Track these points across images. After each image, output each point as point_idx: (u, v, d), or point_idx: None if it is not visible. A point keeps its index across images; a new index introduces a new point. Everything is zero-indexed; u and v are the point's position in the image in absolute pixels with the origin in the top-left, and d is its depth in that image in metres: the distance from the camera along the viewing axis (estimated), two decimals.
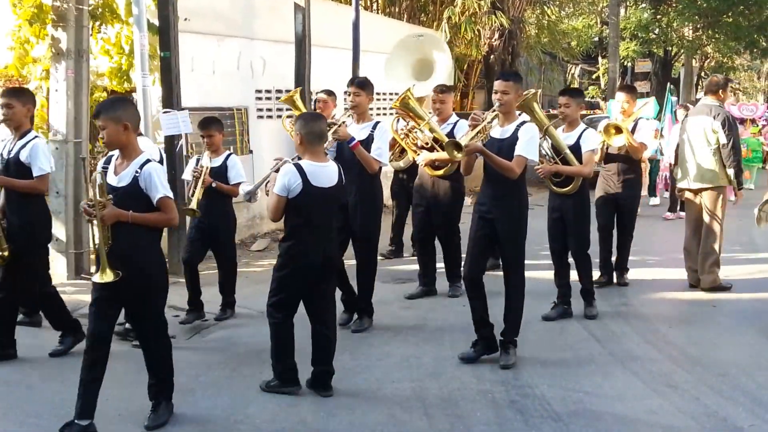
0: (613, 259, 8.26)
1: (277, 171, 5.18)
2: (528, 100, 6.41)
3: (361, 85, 6.66)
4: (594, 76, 32.22)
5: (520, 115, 7.34)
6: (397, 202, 9.67)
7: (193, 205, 6.72)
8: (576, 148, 6.76)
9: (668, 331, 6.71)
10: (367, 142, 6.49)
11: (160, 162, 6.34)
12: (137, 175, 4.44)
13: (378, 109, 13.32)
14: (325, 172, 5.08)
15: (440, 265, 7.93)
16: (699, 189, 8.02)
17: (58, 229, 8.11)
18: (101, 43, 9.29)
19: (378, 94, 13.16)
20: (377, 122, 6.69)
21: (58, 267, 8.28)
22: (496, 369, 5.66)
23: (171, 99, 8.67)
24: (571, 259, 7.14)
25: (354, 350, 6.13)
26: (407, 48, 10.96)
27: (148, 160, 4.48)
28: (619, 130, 7.57)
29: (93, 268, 5.53)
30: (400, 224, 9.79)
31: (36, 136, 5.91)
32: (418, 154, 7.56)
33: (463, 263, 6.11)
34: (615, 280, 8.22)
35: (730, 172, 7.83)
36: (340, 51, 12.01)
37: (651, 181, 14.34)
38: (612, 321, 6.99)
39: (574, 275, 7.10)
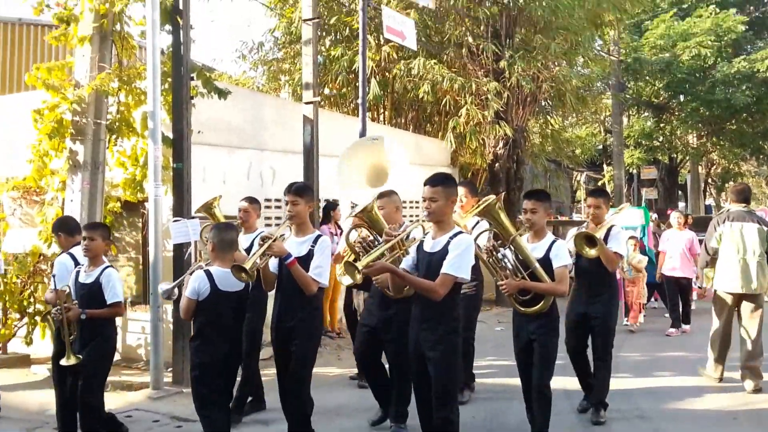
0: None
1: (191, 274, 5.67)
2: (490, 206, 5.87)
3: (299, 191, 5.82)
4: (600, 183, 32.57)
5: (477, 223, 6.97)
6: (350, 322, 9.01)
7: (69, 360, 5.95)
8: (545, 262, 5.76)
9: None
10: (308, 258, 5.69)
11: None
12: None
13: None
14: (233, 278, 5.40)
15: None
16: (746, 295, 8.22)
17: None
18: (117, 155, 9.64)
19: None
20: (318, 235, 5.87)
21: None
22: None
23: (182, 208, 8.89)
24: None
25: None
26: (361, 152, 10.04)
27: None
28: (591, 240, 6.66)
29: None
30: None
31: None
32: None
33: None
34: (590, 418, 7.01)
35: None
36: None
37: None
38: None
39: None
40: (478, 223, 7.04)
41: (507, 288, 5.70)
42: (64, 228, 6.84)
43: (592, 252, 6.57)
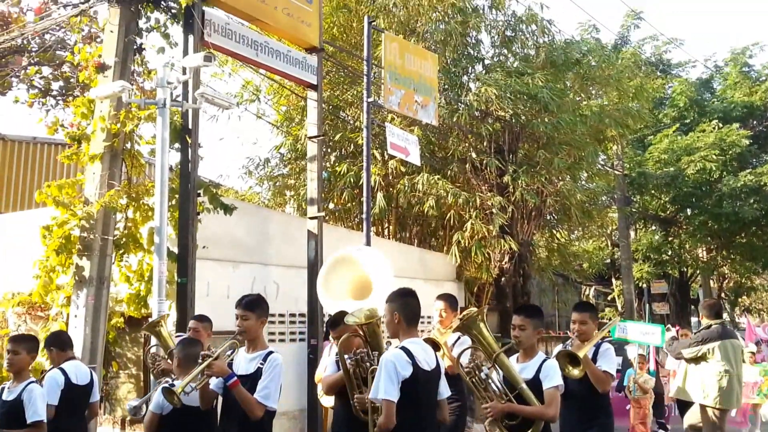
0: None
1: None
2: (471, 320, 5.33)
3: (250, 306, 5.39)
4: (609, 297, 32.30)
5: (458, 339, 6.50)
6: None
7: None
8: (535, 383, 5.24)
9: None
10: (255, 377, 5.23)
11: (90, 383, 6.49)
12: None
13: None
14: (196, 393, 5.32)
15: None
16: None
17: None
18: (124, 269, 9.73)
19: None
20: (270, 352, 5.36)
21: None
22: None
23: (185, 323, 8.90)
24: None
25: None
26: (344, 263, 9.45)
27: None
28: (574, 359, 5.98)
29: None
30: None
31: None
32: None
33: None
34: None
35: None
36: None
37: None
38: None
39: None
40: (459, 339, 6.64)
41: (492, 411, 5.19)
42: (57, 343, 6.80)
43: (575, 372, 5.93)
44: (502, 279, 16.38)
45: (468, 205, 15.51)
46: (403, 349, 4.82)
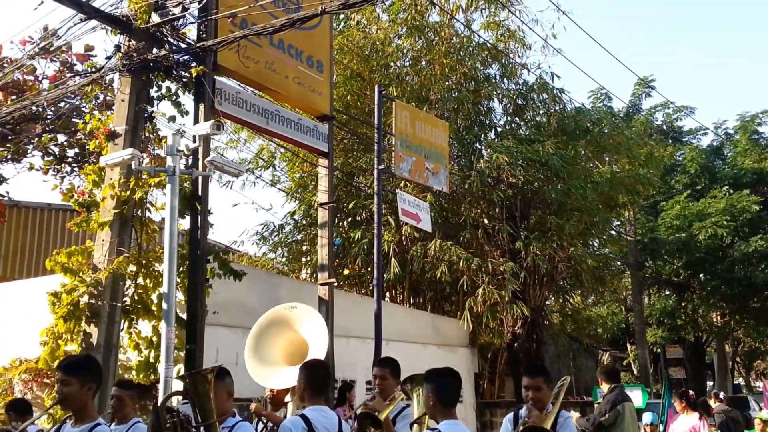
0: None
1: None
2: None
3: (70, 369, 4.53)
4: (624, 363, 31.93)
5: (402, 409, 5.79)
6: None
7: None
8: None
9: None
10: None
11: None
12: None
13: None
14: None
15: None
16: None
17: None
18: (133, 336, 9.65)
19: None
20: (96, 424, 4.49)
21: None
22: None
23: None
24: None
25: None
26: (277, 323, 8.60)
27: None
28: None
29: None
30: None
31: None
32: None
33: None
34: None
35: None
36: (364, 340, 12.29)
37: None
38: None
39: None
40: (402, 411, 5.80)
41: None
42: (16, 408, 6.75)
43: None
44: (516, 344, 16.21)
45: (480, 270, 15.49)
46: (302, 416, 4.87)
